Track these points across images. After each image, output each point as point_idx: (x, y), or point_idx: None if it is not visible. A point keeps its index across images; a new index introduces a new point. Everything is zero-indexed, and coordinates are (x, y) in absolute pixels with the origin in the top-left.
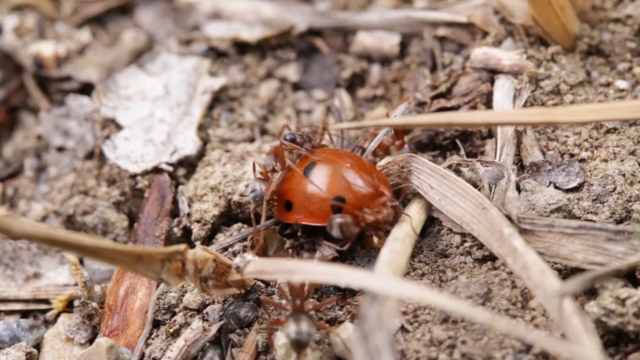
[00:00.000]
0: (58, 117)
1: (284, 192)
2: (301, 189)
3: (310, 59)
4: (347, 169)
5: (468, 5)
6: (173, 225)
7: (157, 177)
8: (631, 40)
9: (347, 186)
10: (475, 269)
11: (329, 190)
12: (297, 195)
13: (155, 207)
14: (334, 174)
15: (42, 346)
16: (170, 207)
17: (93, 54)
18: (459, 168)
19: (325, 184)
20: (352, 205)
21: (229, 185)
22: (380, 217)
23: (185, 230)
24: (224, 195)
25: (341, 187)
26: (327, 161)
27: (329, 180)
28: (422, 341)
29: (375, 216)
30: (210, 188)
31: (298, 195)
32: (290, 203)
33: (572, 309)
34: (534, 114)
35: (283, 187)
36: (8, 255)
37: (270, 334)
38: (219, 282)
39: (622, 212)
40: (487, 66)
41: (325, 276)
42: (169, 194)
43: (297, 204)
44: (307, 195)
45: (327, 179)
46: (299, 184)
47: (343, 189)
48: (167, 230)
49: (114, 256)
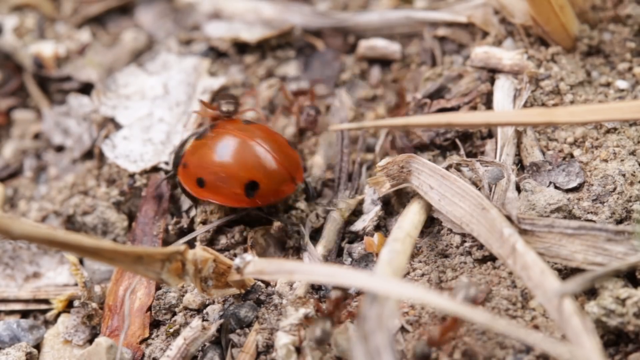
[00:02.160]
0: (59, 115)
1: (196, 167)
2: (215, 169)
3: (310, 56)
4: (262, 149)
5: (468, 5)
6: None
7: (153, 175)
8: (631, 40)
9: (261, 169)
10: (475, 269)
11: (243, 174)
12: (210, 174)
13: (152, 206)
14: (248, 155)
15: (42, 346)
16: (167, 205)
17: (93, 54)
18: (459, 168)
19: (239, 167)
20: (266, 189)
21: None
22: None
23: (181, 230)
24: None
25: (255, 171)
26: (243, 139)
27: (243, 162)
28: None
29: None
30: None
31: (210, 175)
32: (202, 181)
33: (572, 309)
34: (534, 115)
35: (196, 162)
36: (8, 255)
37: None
38: (219, 282)
39: (622, 212)
40: (487, 65)
41: (325, 277)
42: (166, 193)
43: (209, 183)
44: (221, 176)
45: (241, 160)
46: (213, 164)
47: (257, 172)
48: (164, 229)
49: (113, 256)
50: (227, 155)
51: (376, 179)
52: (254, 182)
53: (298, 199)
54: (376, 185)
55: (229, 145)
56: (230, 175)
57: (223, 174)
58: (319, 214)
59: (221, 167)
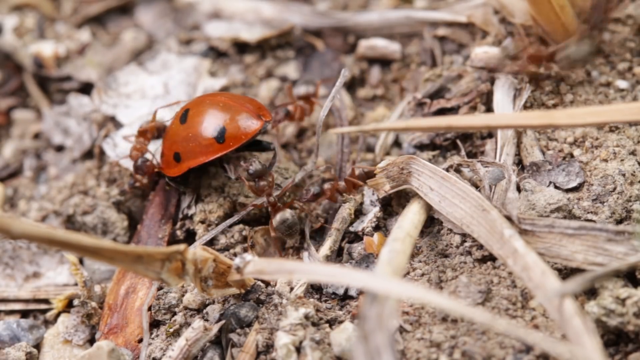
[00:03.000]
0: (59, 115)
1: (169, 149)
2: (182, 135)
3: (310, 56)
4: (216, 99)
5: (468, 5)
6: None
7: (162, 180)
8: (631, 40)
9: (224, 117)
10: (475, 268)
11: (210, 126)
12: (180, 143)
13: (159, 209)
14: (209, 112)
15: (42, 346)
16: (174, 210)
17: (93, 54)
18: (459, 168)
19: (203, 123)
20: (232, 130)
21: (234, 187)
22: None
23: (188, 232)
24: (229, 196)
25: (219, 119)
26: (198, 103)
27: (206, 118)
28: (422, 341)
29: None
30: (214, 188)
31: (181, 144)
32: (178, 154)
33: (573, 309)
34: (534, 117)
35: (167, 144)
36: (8, 254)
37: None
38: (219, 282)
39: (622, 212)
40: (487, 65)
41: (325, 276)
42: (174, 197)
43: (184, 152)
44: (190, 138)
45: (204, 118)
46: (178, 132)
47: (222, 120)
48: (170, 232)
49: (113, 256)
50: (189, 117)
51: (376, 180)
52: (220, 128)
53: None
54: (376, 186)
55: (189, 110)
56: (197, 133)
57: (191, 135)
58: (319, 214)
59: (187, 130)
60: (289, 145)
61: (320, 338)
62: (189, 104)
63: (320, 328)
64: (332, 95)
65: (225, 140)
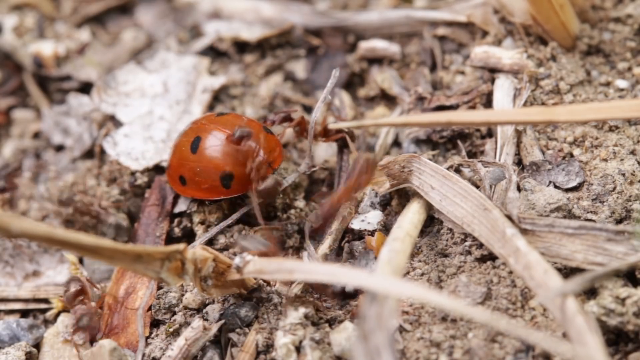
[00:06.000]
0: (59, 114)
1: (176, 166)
2: (191, 165)
3: (320, 57)
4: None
5: (468, 4)
6: (174, 226)
7: (158, 178)
8: (631, 40)
9: (233, 159)
10: (475, 268)
11: (217, 167)
12: (188, 171)
13: (156, 207)
14: (220, 147)
15: (41, 346)
16: (171, 208)
17: (93, 54)
18: (459, 168)
19: (211, 160)
20: (241, 177)
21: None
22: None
23: (185, 230)
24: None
25: (228, 161)
26: (213, 132)
27: (215, 154)
28: (422, 341)
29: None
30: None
31: (189, 172)
32: (183, 178)
33: (575, 308)
34: (534, 113)
35: (175, 161)
36: (8, 253)
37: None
38: (218, 281)
39: (622, 212)
40: (487, 65)
41: (325, 276)
42: (170, 195)
43: (189, 180)
44: (197, 172)
45: (213, 153)
46: (188, 160)
47: (230, 163)
48: (167, 230)
49: (113, 255)
50: (200, 150)
51: (376, 179)
52: (228, 173)
53: (296, 197)
54: (376, 184)
55: (201, 140)
56: (205, 170)
57: (199, 169)
58: (318, 213)
59: (196, 163)
60: (289, 145)
61: (320, 338)
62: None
63: (320, 328)
64: (323, 96)
65: (231, 187)
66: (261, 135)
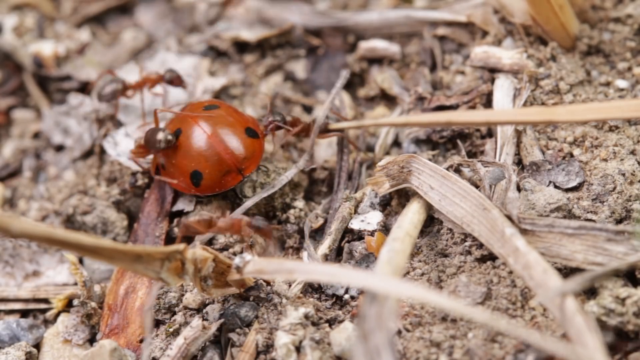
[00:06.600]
0: (59, 114)
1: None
2: (168, 156)
3: (320, 57)
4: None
5: (468, 4)
6: (173, 226)
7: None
8: (631, 40)
9: (203, 160)
10: (475, 268)
11: (188, 164)
12: (165, 159)
13: (155, 207)
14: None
15: (41, 346)
16: (170, 207)
17: (93, 54)
18: (459, 168)
19: (184, 156)
20: (209, 179)
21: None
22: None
23: None
24: (228, 198)
25: (198, 161)
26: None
27: (188, 151)
28: (422, 341)
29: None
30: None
31: (165, 160)
32: (162, 165)
33: (575, 308)
34: (534, 113)
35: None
36: (8, 252)
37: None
38: (218, 281)
39: (622, 212)
40: (487, 65)
41: (325, 276)
42: (169, 195)
43: (167, 169)
44: (172, 163)
45: (187, 150)
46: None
47: (200, 163)
48: (166, 230)
49: (113, 255)
50: (178, 142)
51: (375, 179)
52: (198, 172)
53: (296, 197)
54: (375, 185)
55: (181, 132)
56: (177, 164)
57: (173, 161)
58: (318, 213)
59: (171, 156)
60: (289, 145)
61: (320, 338)
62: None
63: (320, 328)
64: (331, 97)
65: (200, 186)
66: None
